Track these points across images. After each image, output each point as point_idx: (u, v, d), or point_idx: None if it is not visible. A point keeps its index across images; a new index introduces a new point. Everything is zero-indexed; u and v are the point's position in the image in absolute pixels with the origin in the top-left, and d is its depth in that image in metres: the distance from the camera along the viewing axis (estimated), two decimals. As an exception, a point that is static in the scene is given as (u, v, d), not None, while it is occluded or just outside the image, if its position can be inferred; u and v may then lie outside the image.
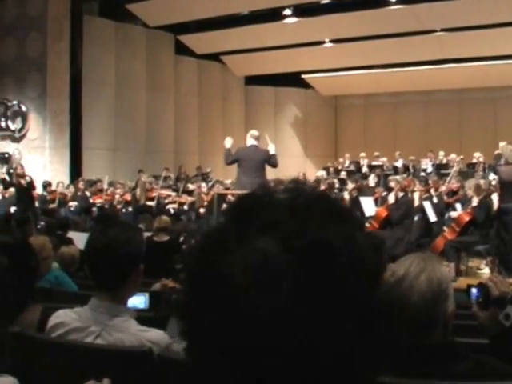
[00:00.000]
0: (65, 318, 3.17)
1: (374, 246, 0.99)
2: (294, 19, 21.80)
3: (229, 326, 0.92)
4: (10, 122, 21.06)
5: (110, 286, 3.07)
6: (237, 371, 0.93)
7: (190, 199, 17.59)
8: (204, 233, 1.01)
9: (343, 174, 21.40)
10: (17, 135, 21.02)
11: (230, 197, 14.81)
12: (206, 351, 0.96)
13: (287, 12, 21.61)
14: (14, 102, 20.92)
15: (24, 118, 20.81)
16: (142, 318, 3.25)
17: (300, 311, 0.91)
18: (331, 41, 23.39)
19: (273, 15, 21.79)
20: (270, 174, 13.42)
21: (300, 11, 21.47)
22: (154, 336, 3.04)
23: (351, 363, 0.95)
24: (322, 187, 17.04)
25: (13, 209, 17.54)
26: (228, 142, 12.76)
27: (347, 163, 23.84)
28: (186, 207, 17.50)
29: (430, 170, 20.92)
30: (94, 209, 17.77)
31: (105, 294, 3.06)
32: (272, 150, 12.61)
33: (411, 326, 2.36)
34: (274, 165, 12.63)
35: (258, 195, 1.02)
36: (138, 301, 3.55)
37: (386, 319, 1.02)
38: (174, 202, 17.61)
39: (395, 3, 19.94)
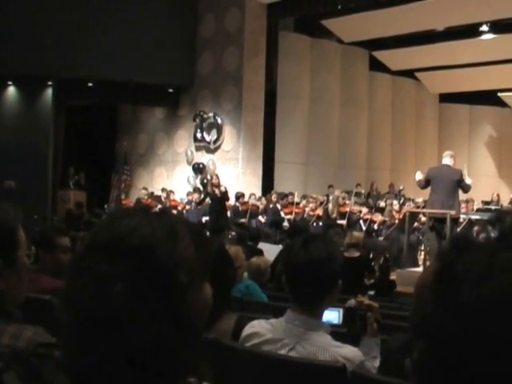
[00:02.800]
0: (259, 328, 3.19)
1: None
2: (490, 35, 21.20)
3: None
4: (205, 134, 21.66)
5: (309, 302, 3.06)
6: None
7: (381, 219, 17.41)
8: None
9: (539, 197, 20.55)
10: (211, 146, 21.59)
11: (421, 215, 14.62)
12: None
13: (484, 28, 21.05)
14: (210, 114, 21.50)
15: (219, 129, 21.33)
16: (335, 333, 3.22)
17: None
18: (530, 58, 22.57)
19: (469, 32, 21.32)
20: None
21: (497, 27, 20.85)
22: (348, 352, 3.01)
23: None
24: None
25: (205, 218, 18.06)
26: (418, 175, 12.85)
27: (544, 185, 22.90)
28: (375, 227, 17.36)
29: None
30: (285, 222, 17.98)
31: (302, 308, 3.06)
32: (469, 181, 12.49)
33: None
34: (465, 190, 12.51)
35: None
36: (332, 316, 3.52)
37: None
38: (366, 220, 17.51)
39: None
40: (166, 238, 1.29)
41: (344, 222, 17.43)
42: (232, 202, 18.70)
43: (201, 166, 21.74)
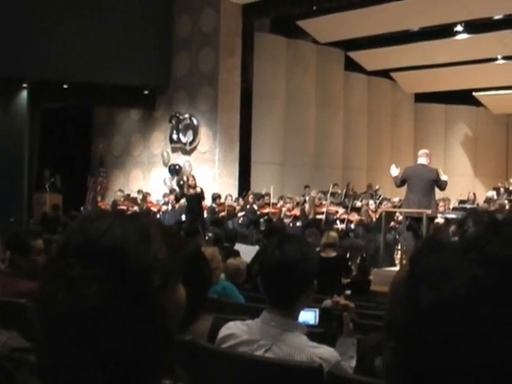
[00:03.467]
0: (235, 329, 3.19)
1: None
2: (465, 35, 21.35)
3: None
4: (181, 135, 21.62)
5: (284, 302, 3.06)
6: None
7: (357, 218, 17.46)
8: None
9: (514, 195, 20.64)
10: (188, 148, 21.56)
11: (398, 214, 14.63)
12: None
13: (459, 28, 21.21)
14: (186, 116, 21.47)
15: (195, 131, 21.31)
16: (312, 333, 3.22)
17: None
18: (504, 57, 22.72)
19: (444, 32, 21.45)
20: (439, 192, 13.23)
21: (472, 27, 21.01)
22: (325, 353, 3.00)
23: None
24: (492, 208, 16.57)
25: (182, 219, 18.02)
26: (393, 171, 12.76)
27: (519, 184, 22.95)
28: (352, 226, 17.41)
29: None
30: (262, 221, 17.98)
31: (277, 308, 3.05)
32: (445, 177, 12.50)
33: None
34: (442, 188, 12.52)
35: None
36: (309, 316, 3.52)
37: None
38: (343, 220, 17.55)
39: None
40: (138, 239, 1.28)
41: (323, 216, 17.48)
42: (208, 202, 18.69)
43: (177, 167, 21.71)
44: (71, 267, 1.23)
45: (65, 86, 20.70)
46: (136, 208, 19.55)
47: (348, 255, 14.48)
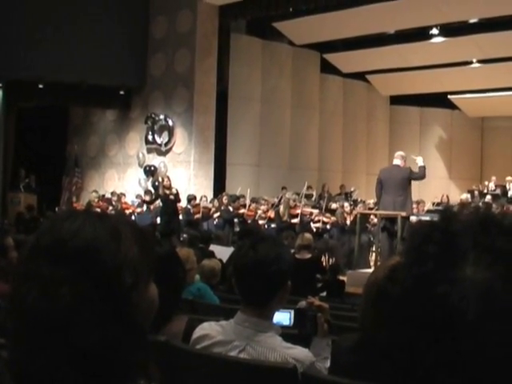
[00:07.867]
0: (210, 330, 3.18)
1: None
2: (440, 39, 21.46)
3: None
4: (156, 136, 21.55)
5: (258, 302, 3.06)
6: None
7: (333, 219, 17.51)
8: None
9: (488, 198, 20.80)
10: (163, 149, 21.49)
11: (372, 216, 14.68)
12: None
13: (434, 31, 21.31)
14: (161, 117, 21.40)
15: (170, 132, 21.24)
16: (286, 334, 3.22)
17: None
18: (479, 61, 22.87)
19: (419, 35, 21.54)
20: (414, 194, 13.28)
21: (447, 31, 21.12)
22: (299, 354, 3.01)
23: None
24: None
25: (157, 220, 17.98)
26: (420, 161, 12.76)
27: (493, 187, 23.13)
28: (328, 226, 17.43)
29: None
30: (236, 221, 17.99)
31: (251, 309, 3.05)
32: (420, 161, 12.53)
33: None
34: (420, 176, 12.52)
35: None
36: (283, 317, 3.52)
37: None
38: (318, 221, 17.57)
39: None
40: (109, 239, 1.28)
41: (296, 221, 17.48)
42: (184, 204, 18.64)
43: (152, 168, 21.63)
44: (42, 268, 1.23)
45: (40, 86, 20.56)
46: (111, 209, 19.48)
47: (323, 257, 14.52)
